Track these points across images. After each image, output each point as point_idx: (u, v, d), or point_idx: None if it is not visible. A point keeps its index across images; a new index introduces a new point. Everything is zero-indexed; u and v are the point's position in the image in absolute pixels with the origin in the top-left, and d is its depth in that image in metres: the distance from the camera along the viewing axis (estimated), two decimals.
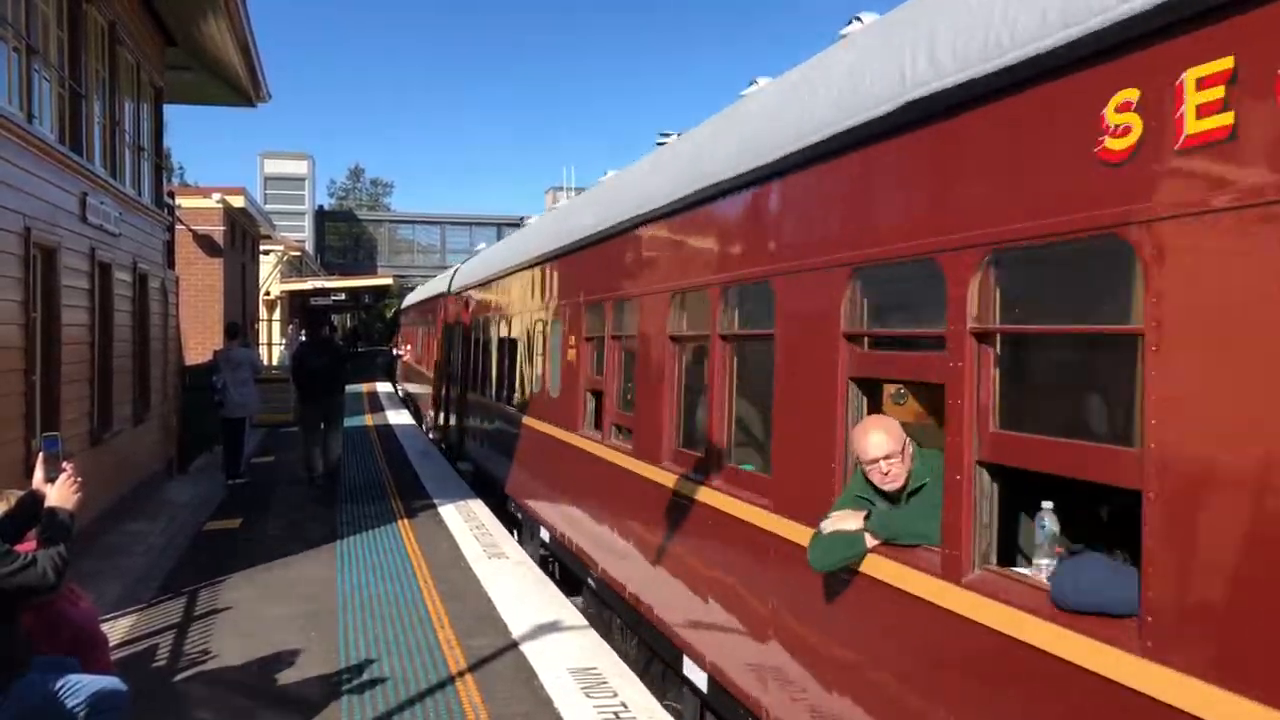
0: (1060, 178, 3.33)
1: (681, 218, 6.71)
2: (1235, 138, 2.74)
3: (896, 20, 4.58)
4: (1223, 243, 2.79)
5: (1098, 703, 3.09)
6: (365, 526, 12.26)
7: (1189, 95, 2.86)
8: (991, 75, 3.58)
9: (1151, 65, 3.00)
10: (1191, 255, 2.88)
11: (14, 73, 9.23)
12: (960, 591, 3.71)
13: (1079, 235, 3.25)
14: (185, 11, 14.19)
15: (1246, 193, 2.70)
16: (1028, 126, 3.50)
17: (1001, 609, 3.49)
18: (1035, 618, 3.35)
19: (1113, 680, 3.03)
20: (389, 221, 68.62)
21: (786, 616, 5.05)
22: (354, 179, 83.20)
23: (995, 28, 3.55)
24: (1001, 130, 3.64)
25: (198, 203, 23.24)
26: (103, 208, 11.74)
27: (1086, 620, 3.18)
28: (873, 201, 4.52)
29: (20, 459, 8.61)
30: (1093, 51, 3.17)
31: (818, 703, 4.72)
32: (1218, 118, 2.78)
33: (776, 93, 5.73)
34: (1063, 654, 3.20)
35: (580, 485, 9.23)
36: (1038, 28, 3.34)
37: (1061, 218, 3.30)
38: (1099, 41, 3.13)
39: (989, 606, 3.56)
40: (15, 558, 4.36)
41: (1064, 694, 3.22)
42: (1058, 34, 3.25)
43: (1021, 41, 3.42)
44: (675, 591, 6.65)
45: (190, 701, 6.64)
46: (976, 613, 3.60)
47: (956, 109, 3.83)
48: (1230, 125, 2.75)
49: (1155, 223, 2.96)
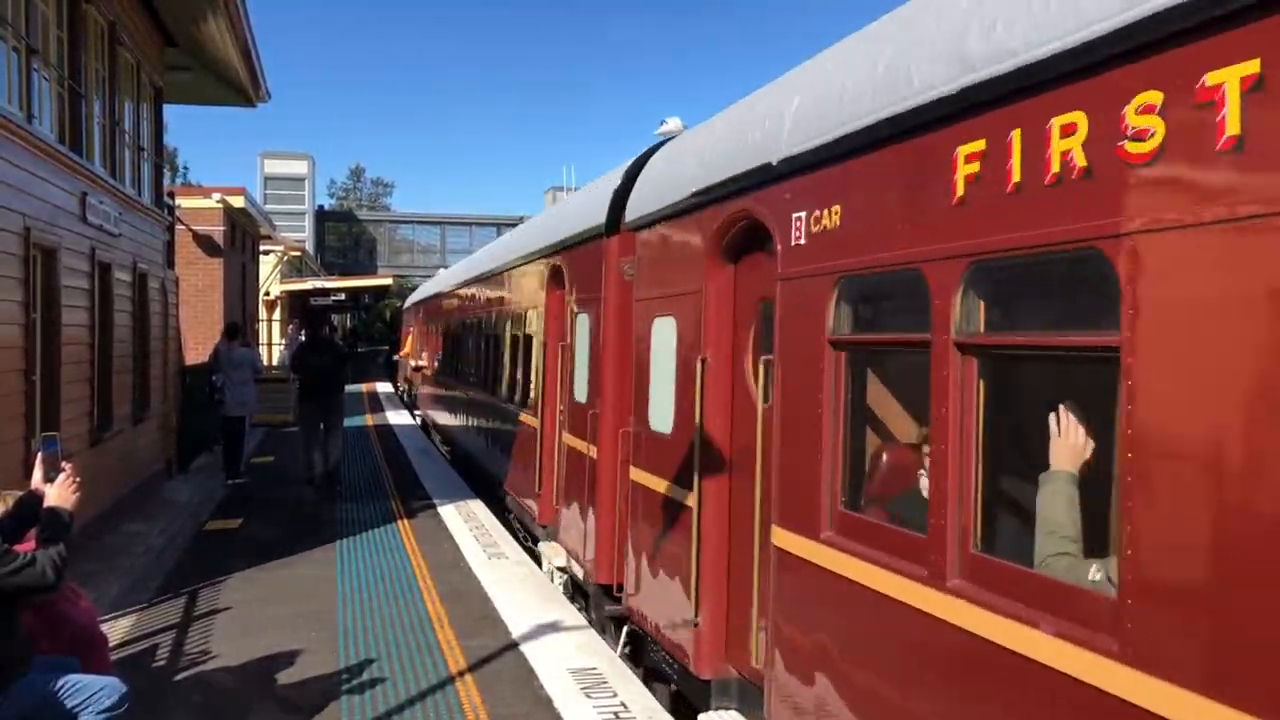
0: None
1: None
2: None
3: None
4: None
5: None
6: (365, 526, 12.26)
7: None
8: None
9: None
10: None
11: (14, 72, 9.23)
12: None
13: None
14: (185, 11, 14.19)
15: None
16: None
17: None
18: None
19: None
20: (389, 221, 68.66)
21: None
22: (355, 179, 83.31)
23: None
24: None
25: (198, 203, 23.25)
26: (102, 208, 11.74)
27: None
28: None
29: (20, 459, 8.60)
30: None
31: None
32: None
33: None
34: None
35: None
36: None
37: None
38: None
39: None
40: (15, 557, 4.36)
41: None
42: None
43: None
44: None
45: (190, 701, 6.64)
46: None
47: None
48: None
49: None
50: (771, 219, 5.21)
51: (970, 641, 3.55)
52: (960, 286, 3.71)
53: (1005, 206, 3.47)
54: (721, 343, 6.13)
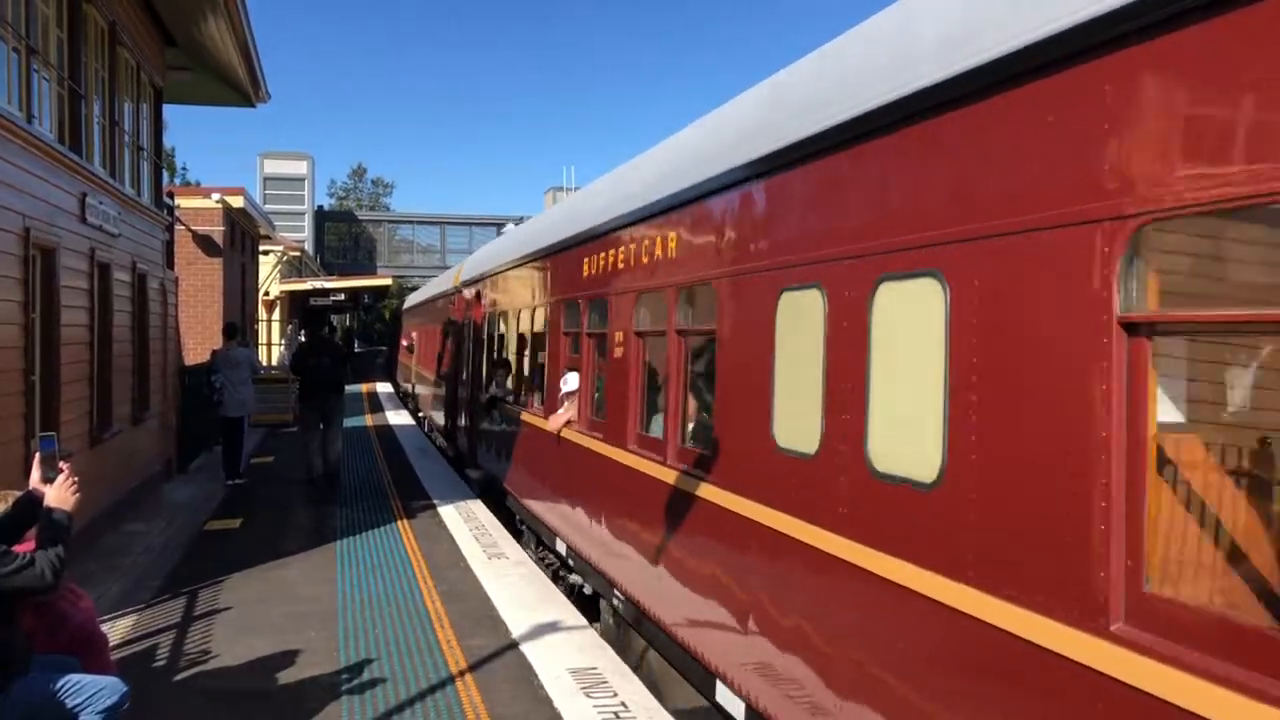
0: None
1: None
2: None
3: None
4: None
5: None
6: (365, 526, 12.26)
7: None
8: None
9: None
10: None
11: (14, 73, 9.22)
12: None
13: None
14: (185, 12, 14.19)
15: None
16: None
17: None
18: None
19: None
20: (388, 221, 68.67)
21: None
22: (356, 179, 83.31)
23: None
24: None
25: (197, 203, 23.26)
26: (102, 208, 11.74)
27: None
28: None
29: (20, 459, 8.60)
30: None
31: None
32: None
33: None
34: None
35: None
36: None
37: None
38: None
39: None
40: (14, 558, 4.37)
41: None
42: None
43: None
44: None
45: (190, 701, 6.64)
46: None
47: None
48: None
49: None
50: None
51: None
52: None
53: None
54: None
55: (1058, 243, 3.37)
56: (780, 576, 5.20)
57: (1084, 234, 3.25)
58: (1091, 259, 3.23)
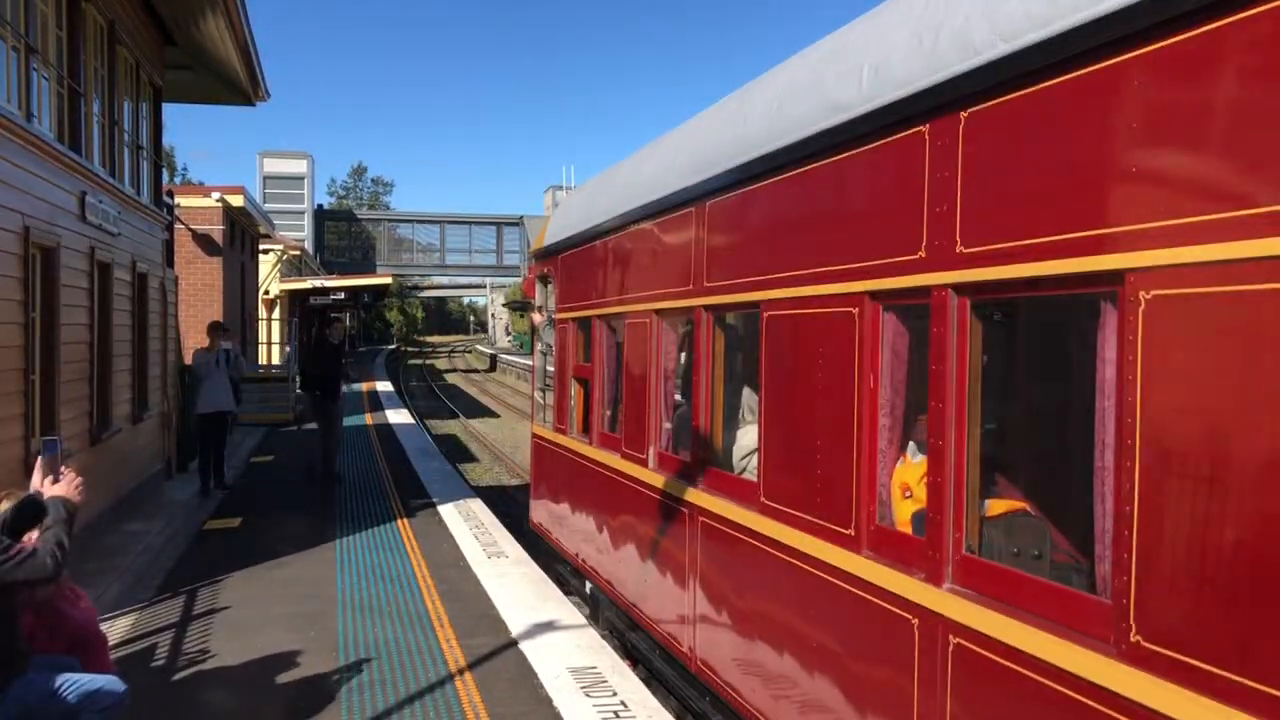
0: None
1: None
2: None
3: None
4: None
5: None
6: (365, 526, 12.25)
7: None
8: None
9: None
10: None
11: (13, 71, 9.22)
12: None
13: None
14: (184, 11, 14.18)
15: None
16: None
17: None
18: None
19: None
20: (388, 220, 68.68)
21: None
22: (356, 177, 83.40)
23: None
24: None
25: (197, 202, 23.27)
26: (102, 207, 11.73)
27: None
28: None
29: (20, 459, 8.60)
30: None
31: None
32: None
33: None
34: None
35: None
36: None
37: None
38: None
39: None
40: (16, 549, 4.37)
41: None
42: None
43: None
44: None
45: (189, 701, 6.64)
46: None
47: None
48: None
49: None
50: None
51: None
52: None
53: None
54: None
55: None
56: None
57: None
58: None
